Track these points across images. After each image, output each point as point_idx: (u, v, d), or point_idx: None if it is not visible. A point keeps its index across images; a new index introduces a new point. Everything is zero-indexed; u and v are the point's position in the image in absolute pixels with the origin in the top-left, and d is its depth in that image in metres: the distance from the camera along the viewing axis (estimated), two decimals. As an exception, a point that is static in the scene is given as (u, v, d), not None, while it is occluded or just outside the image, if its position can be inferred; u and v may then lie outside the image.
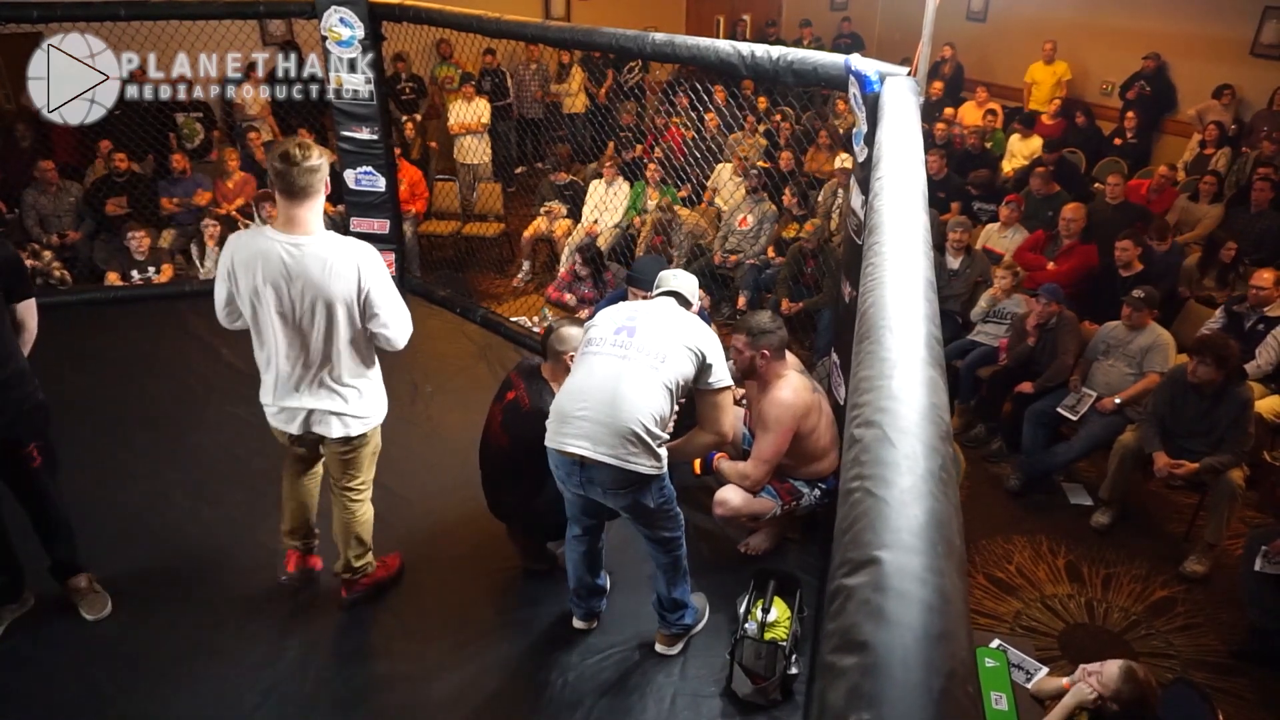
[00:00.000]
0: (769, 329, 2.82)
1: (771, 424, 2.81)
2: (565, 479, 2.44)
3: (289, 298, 2.37)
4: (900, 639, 0.65)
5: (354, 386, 2.54)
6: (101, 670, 2.62)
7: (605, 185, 6.56)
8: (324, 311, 2.39)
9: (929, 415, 0.94)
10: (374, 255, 2.45)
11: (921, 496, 0.81)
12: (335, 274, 2.36)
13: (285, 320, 2.41)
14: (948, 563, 0.73)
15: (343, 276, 2.37)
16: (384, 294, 2.46)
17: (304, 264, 2.34)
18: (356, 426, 2.59)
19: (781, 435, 2.81)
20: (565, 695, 2.57)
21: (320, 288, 2.36)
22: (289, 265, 2.34)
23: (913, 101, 2.38)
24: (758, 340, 2.81)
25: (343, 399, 2.53)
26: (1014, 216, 5.75)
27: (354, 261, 2.38)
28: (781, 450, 2.84)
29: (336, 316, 2.41)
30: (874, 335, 1.12)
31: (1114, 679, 2.53)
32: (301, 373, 2.48)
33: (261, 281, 2.36)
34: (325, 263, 2.35)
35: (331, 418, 2.55)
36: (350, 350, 2.49)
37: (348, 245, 2.40)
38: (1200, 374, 3.80)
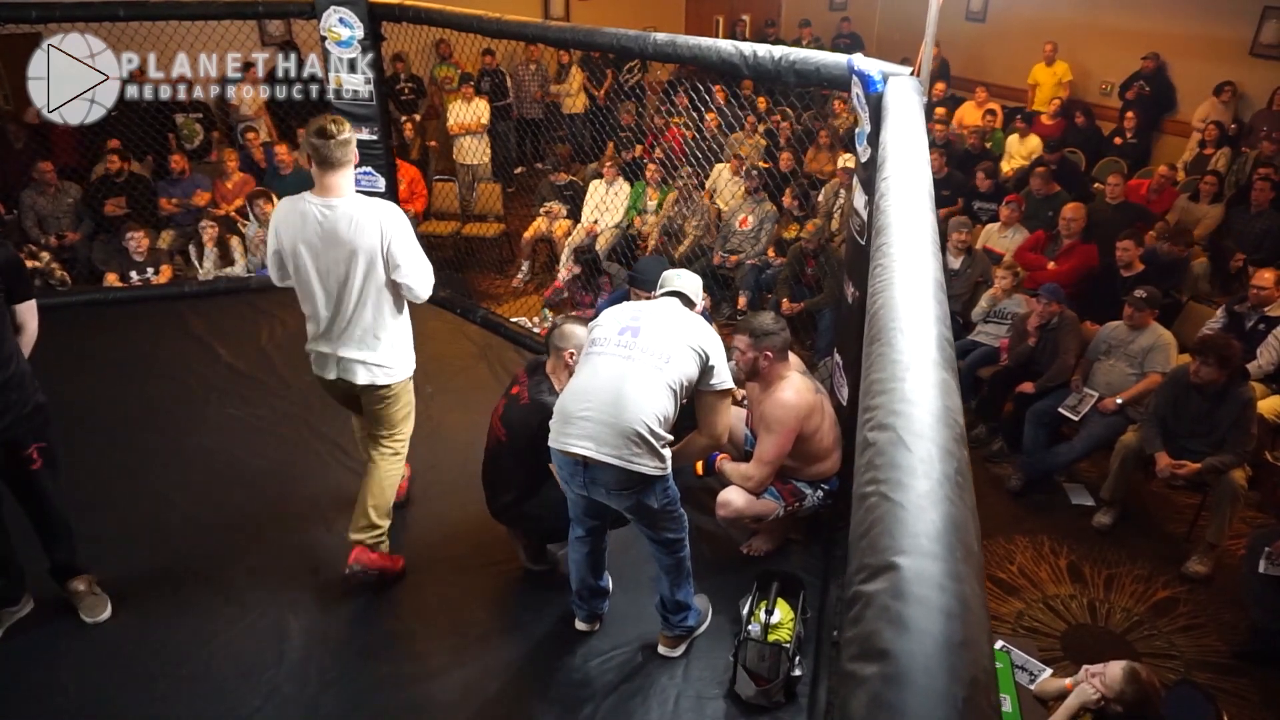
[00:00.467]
0: (772, 330, 2.81)
1: (774, 425, 2.80)
2: (569, 480, 2.43)
3: (323, 254, 2.65)
4: (921, 647, 0.64)
5: (380, 338, 2.76)
6: (102, 672, 2.61)
7: (605, 186, 6.56)
8: (352, 265, 2.64)
9: (943, 418, 0.93)
10: (396, 213, 2.70)
11: (938, 501, 0.80)
12: (361, 230, 2.61)
13: (321, 274, 2.68)
14: (966, 568, 0.73)
15: (367, 232, 2.62)
16: (405, 248, 2.67)
17: (335, 223, 2.61)
18: (382, 376, 2.80)
19: (784, 436, 2.81)
20: (568, 697, 2.56)
21: (348, 243, 2.62)
22: (322, 225, 2.62)
23: (916, 101, 2.37)
24: (760, 342, 2.80)
25: (370, 349, 2.76)
26: (1014, 216, 5.75)
27: (377, 218, 2.63)
28: (784, 451, 2.83)
29: (363, 269, 2.65)
30: (885, 337, 1.11)
31: (1117, 680, 2.52)
32: (336, 322, 2.73)
33: (300, 240, 2.65)
34: (352, 220, 2.61)
35: (358, 365, 2.77)
36: (377, 302, 2.72)
37: (372, 204, 2.66)
38: (1203, 374, 3.80)
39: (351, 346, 2.75)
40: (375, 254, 2.64)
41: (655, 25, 7.08)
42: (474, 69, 8.34)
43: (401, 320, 2.83)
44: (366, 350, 2.75)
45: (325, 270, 2.67)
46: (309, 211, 2.63)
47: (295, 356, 4.51)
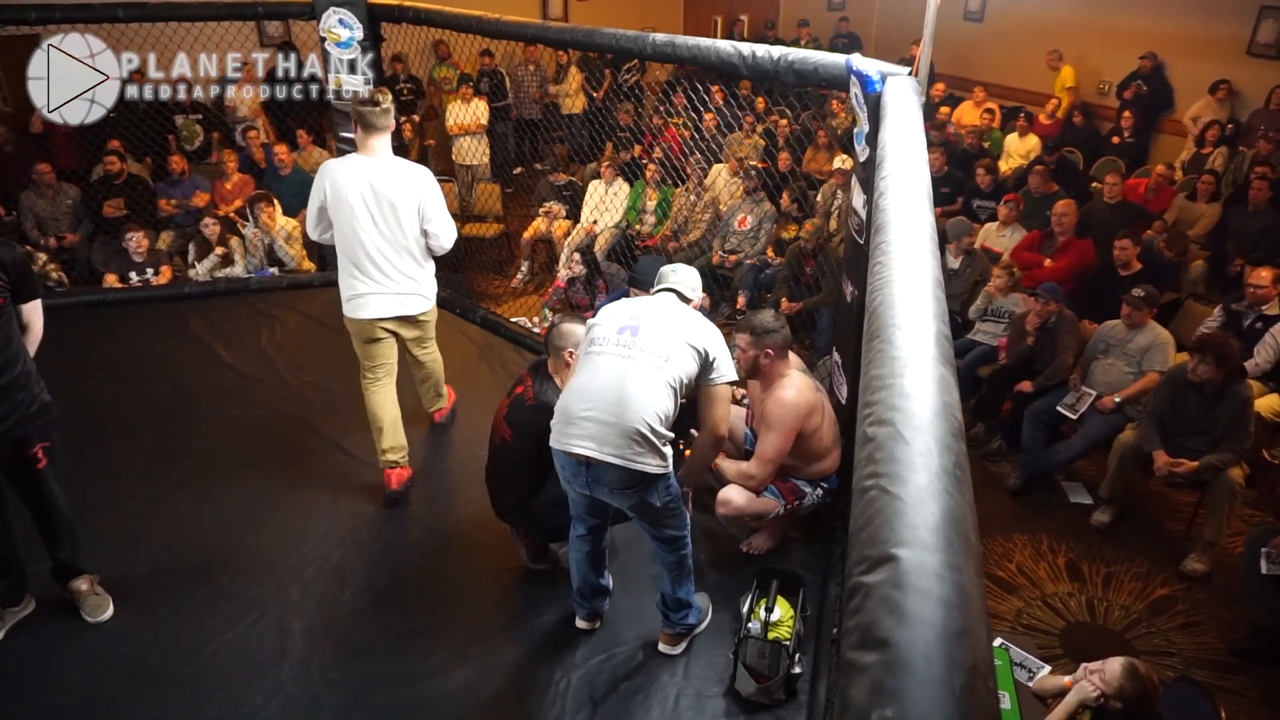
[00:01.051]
0: (773, 328, 2.82)
1: (775, 424, 2.81)
2: (571, 480, 2.44)
3: (374, 205, 3.12)
4: (921, 635, 0.65)
5: (417, 278, 3.31)
6: (104, 672, 2.62)
7: (604, 186, 6.57)
8: (398, 214, 3.15)
9: (941, 413, 0.94)
10: (429, 174, 3.24)
11: (937, 494, 0.81)
12: (405, 186, 3.15)
13: (374, 223, 3.14)
14: (965, 559, 0.74)
15: (410, 188, 3.15)
16: (437, 204, 3.23)
17: (386, 179, 3.12)
18: (427, 304, 3.40)
19: (785, 435, 2.82)
20: (569, 695, 2.57)
21: (396, 196, 3.13)
22: (373, 180, 3.11)
23: (914, 101, 2.38)
24: (761, 339, 2.81)
25: (416, 281, 3.31)
26: (1012, 215, 5.76)
27: (414, 177, 3.18)
28: (785, 450, 2.84)
29: (406, 218, 3.17)
30: (884, 334, 1.12)
31: (1116, 676, 2.53)
32: (383, 265, 3.20)
33: (352, 193, 3.10)
34: (399, 177, 3.15)
35: (415, 297, 3.33)
36: (417, 246, 3.25)
37: (411, 166, 3.22)
38: (1201, 373, 3.81)
39: (405, 282, 3.26)
40: (414, 207, 3.16)
41: (654, 26, 7.10)
42: (473, 70, 8.35)
43: (429, 263, 3.37)
44: (411, 283, 3.29)
45: (376, 219, 3.14)
46: (360, 169, 3.11)
47: (295, 357, 4.53)
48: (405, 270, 3.25)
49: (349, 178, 3.10)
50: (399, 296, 3.27)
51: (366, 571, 3.05)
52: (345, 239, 3.17)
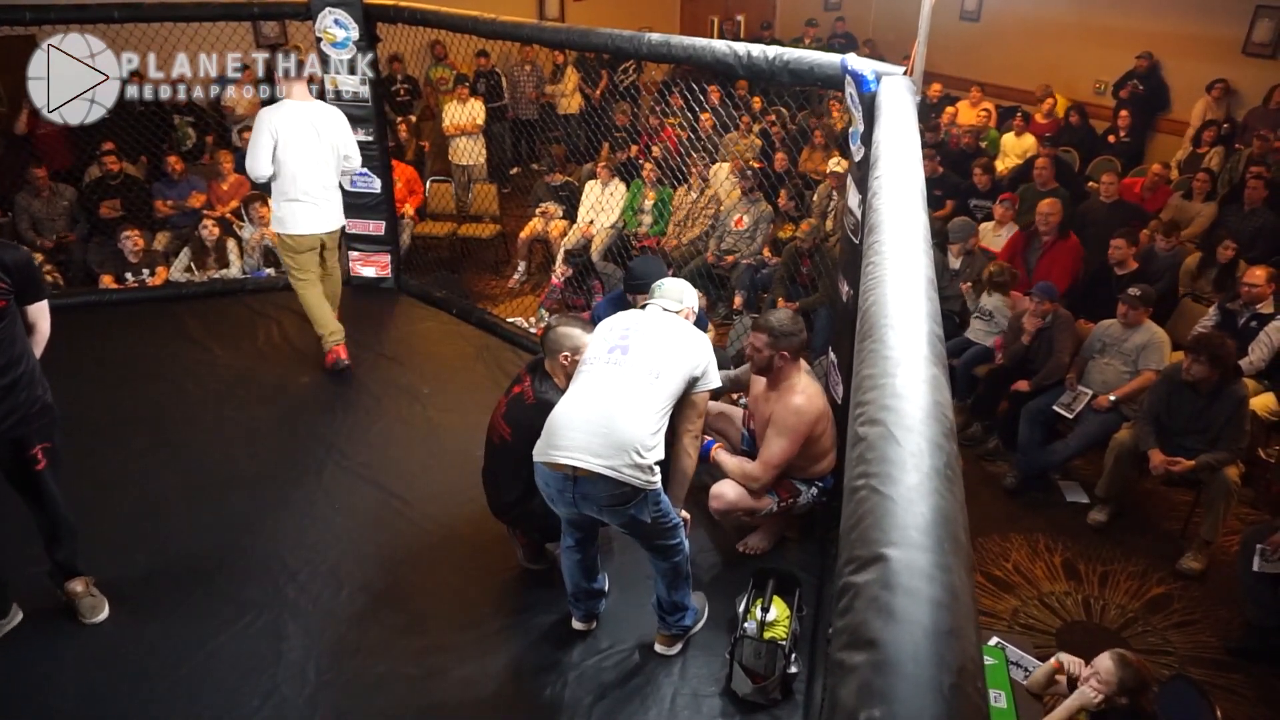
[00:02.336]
0: (792, 331, 2.82)
1: (786, 430, 2.82)
2: (555, 497, 2.42)
3: (313, 139, 3.98)
4: (910, 636, 0.65)
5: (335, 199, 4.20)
6: (100, 674, 2.61)
7: (600, 186, 6.57)
8: (326, 145, 4.04)
9: (933, 413, 0.94)
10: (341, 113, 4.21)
11: (927, 494, 0.81)
12: (330, 122, 4.07)
13: (313, 154, 4.00)
14: (955, 559, 0.74)
15: (335, 126, 4.10)
16: (350, 136, 4.21)
17: (318, 118, 4.03)
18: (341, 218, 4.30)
19: (795, 442, 2.83)
20: (565, 695, 2.57)
21: (325, 132, 4.02)
22: (311, 118, 4.00)
23: (909, 101, 2.39)
24: (779, 342, 2.81)
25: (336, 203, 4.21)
26: (1008, 215, 5.75)
27: (337, 115, 4.15)
28: (792, 456, 2.85)
29: (332, 149, 4.08)
30: (876, 334, 1.12)
31: (1111, 672, 2.53)
32: (322, 190, 4.08)
33: (298, 130, 3.95)
34: (325, 115, 4.07)
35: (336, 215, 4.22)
36: (338, 172, 4.18)
37: (329, 107, 4.17)
38: (1195, 372, 3.82)
39: (330, 204, 4.15)
40: (338, 139, 4.09)
41: (650, 26, 7.09)
42: (469, 70, 8.34)
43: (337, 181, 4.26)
44: (334, 203, 4.19)
45: (315, 151, 3.99)
46: (299, 113, 3.98)
47: (291, 358, 4.52)
48: (330, 194, 4.15)
49: (292, 120, 3.94)
50: (333, 213, 4.19)
51: (362, 572, 3.04)
52: (291, 171, 3.95)
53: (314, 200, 4.05)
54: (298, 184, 3.99)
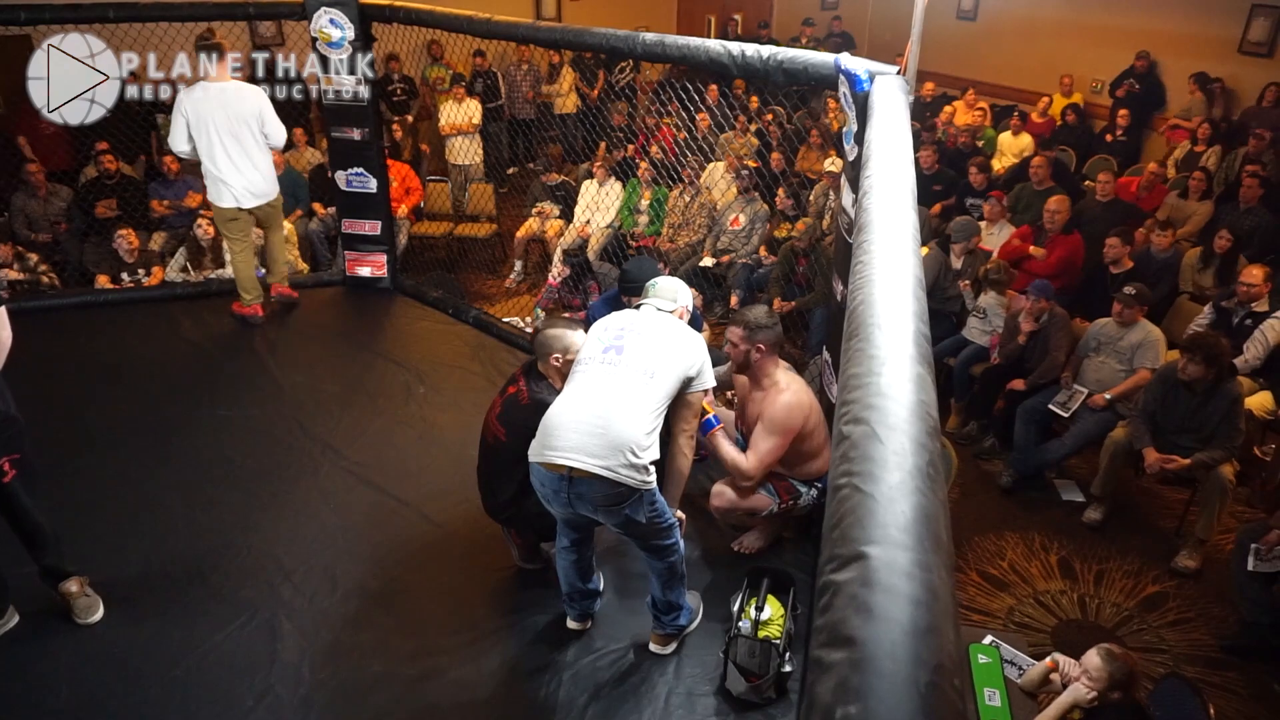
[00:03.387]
0: (766, 324, 2.82)
1: (775, 428, 2.82)
2: (551, 497, 2.42)
3: (223, 118, 4.24)
4: (888, 634, 0.66)
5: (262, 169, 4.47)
6: (94, 673, 2.61)
7: (597, 186, 6.57)
8: (239, 123, 4.29)
9: (917, 411, 0.94)
10: (261, 91, 4.41)
11: (909, 492, 0.81)
12: (242, 100, 4.31)
13: (224, 132, 4.26)
14: (935, 558, 0.74)
15: (247, 102, 4.32)
16: (270, 114, 4.41)
17: (230, 96, 4.27)
18: (274, 190, 4.60)
19: (785, 438, 2.83)
20: (560, 695, 2.57)
21: (235, 108, 4.27)
22: (223, 98, 4.25)
23: (902, 100, 2.39)
24: (754, 335, 2.81)
25: (262, 175, 4.48)
26: (998, 212, 5.75)
27: (252, 93, 4.36)
28: (781, 452, 2.85)
29: (244, 127, 4.30)
30: (863, 333, 1.12)
31: (1100, 667, 2.53)
32: (234, 166, 4.34)
33: (208, 110, 4.22)
34: (238, 94, 4.31)
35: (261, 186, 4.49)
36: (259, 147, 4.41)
37: (247, 85, 4.40)
38: (1190, 371, 3.82)
39: (256, 175, 4.43)
40: (254, 117, 4.33)
41: (647, 25, 7.10)
42: (466, 70, 8.34)
43: (268, 156, 4.52)
44: (254, 178, 4.42)
45: (222, 130, 4.24)
46: (209, 93, 4.23)
47: (287, 357, 4.52)
48: (257, 166, 4.40)
49: (203, 102, 4.21)
50: (254, 187, 4.43)
51: (357, 572, 3.04)
52: (206, 149, 4.26)
53: (227, 175, 4.34)
54: (214, 160, 4.30)
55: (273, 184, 4.56)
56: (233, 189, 4.38)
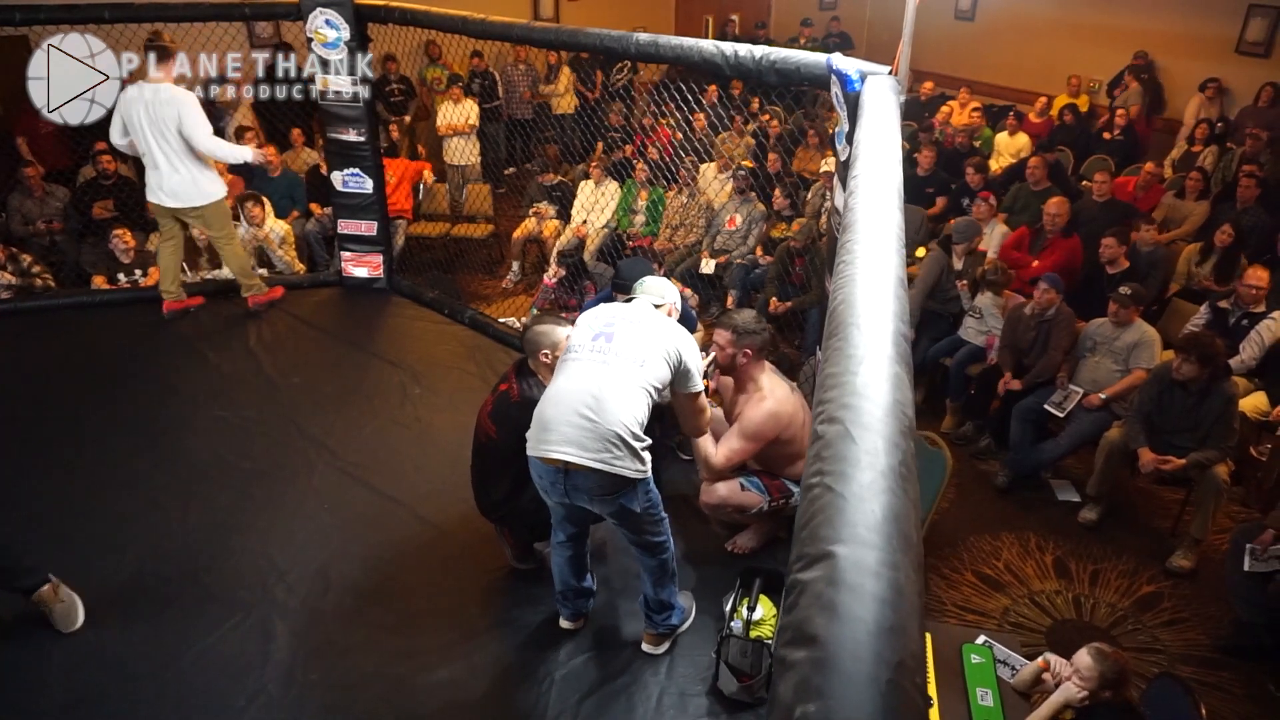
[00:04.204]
0: (754, 330, 2.82)
1: (749, 433, 2.81)
2: (549, 489, 2.43)
3: (145, 119, 4.27)
4: (851, 632, 0.66)
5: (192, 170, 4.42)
6: (87, 674, 2.61)
7: (594, 186, 6.57)
8: (160, 125, 4.29)
9: (892, 411, 0.94)
10: (188, 95, 4.33)
11: (880, 492, 0.81)
12: (164, 104, 4.26)
13: (146, 132, 4.29)
14: (904, 557, 0.74)
15: (168, 105, 4.27)
16: (191, 117, 4.30)
17: (153, 98, 4.27)
18: (198, 198, 4.49)
19: (756, 444, 2.83)
20: (552, 694, 2.57)
21: (156, 111, 4.26)
22: (146, 100, 4.27)
23: (893, 100, 2.39)
24: (742, 339, 2.81)
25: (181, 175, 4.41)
26: (988, 212, 5.71)
27: (175, 96, 4.28)
28: (748, 456, 2.85)
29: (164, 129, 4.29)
30: (842, 332, 1.12)
31: (1090, 666, 2.54)
32: (166, 166, 4.37)
33: (133, 110, 4.28)
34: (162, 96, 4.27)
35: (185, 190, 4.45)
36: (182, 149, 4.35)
37: (175, 88, 4.32)
38: (1185, 371, 3.82)
39: (170, 181, 4.39)
40: (173, 120, 4.28)
41: (645, 26, 7.10)
42: (463, 70, 8.34)
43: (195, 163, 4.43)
44: (176, 182, 4.40)
45: (145, 130, 4.28)
46: (138, 94, 4.28)
47: (283, 358, 4.53)
48: (175, 169, 4.37)
49: (132, 101, 4.28)
50: (174, 191, 4.42)
51: (350, 572, 3.04)
52: (137, 144, 4.36)
53: (148, 173, 4.44)
54: (145, 158, 4.41)
55: (199, 191, 4.47)
56: (149, 186, 4.46)
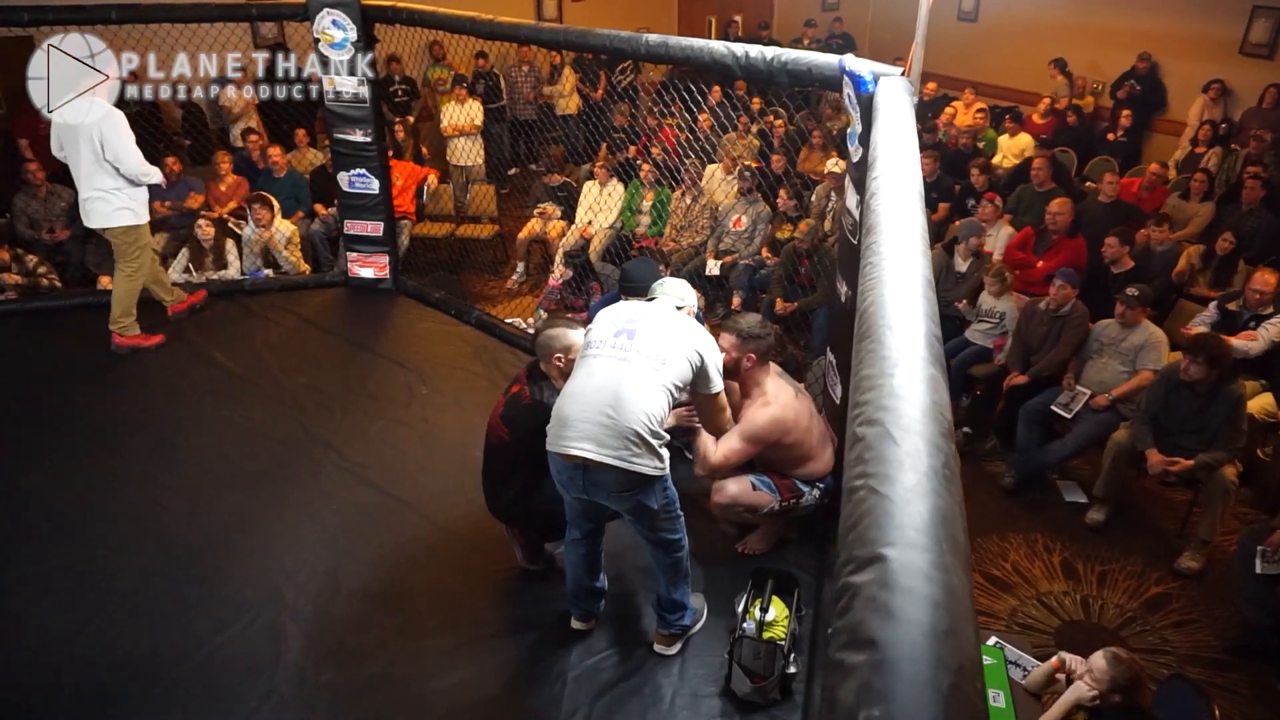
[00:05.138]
0: (759, 334, 2.81)
1: (750, 435, 2.79)
2: (567, 484, 2.43)
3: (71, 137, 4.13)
4: (908, 635, 0.65)
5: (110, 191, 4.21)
6: (98, 675, 2.61)
7: (598, 187, 6.57)
8: (84, 145, 4.11)
9: (930, 413, 0.94)
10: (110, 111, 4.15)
11: (925, 494, 0.81)
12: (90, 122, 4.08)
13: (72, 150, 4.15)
14: (954, 559, 0.74)
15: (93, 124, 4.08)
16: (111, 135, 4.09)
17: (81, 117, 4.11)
18: (107, 220, 4.26)
19: (755, 447, 2.81)
20: (564, 696, 2.57)
21: (81, 129, 4.09)
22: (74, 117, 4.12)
23: (907, 101, 2.39)
24: (746, 344, 2.80)
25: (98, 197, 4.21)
26: (993, 213, 5.72)
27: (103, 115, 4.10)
28: (745, 458, 2.84)
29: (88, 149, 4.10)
30: (874, 334, 1.12)
31: (1104, 670, 2.53)
32: (85, 183, 4.19)
33: (63, 127, 4.15)
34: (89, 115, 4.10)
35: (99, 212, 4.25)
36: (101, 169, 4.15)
37: (107, 109, 4.15)
38: (1192, 372, 3.82)
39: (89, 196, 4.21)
40: (92, 137, 4.09)
41: (648, 26, 7.10)
42: (467, 71, 8.34)
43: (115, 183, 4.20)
44: (97, 203, 4.21)
45: (71, 148, 4.14)
46: (71, 110, 4.12)
47: (289, 358, 4.52)
48: (96, 187, 4.18)
49: (64, 117, 4.15)
50: (94, 211, 4.24)
51: (360, 573, 3.04)
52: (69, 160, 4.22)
53: (78, 190, 4.27)
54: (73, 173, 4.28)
55: (113, 213, 4.23)
56: (82, 206, 4.27)
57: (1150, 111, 7.97)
